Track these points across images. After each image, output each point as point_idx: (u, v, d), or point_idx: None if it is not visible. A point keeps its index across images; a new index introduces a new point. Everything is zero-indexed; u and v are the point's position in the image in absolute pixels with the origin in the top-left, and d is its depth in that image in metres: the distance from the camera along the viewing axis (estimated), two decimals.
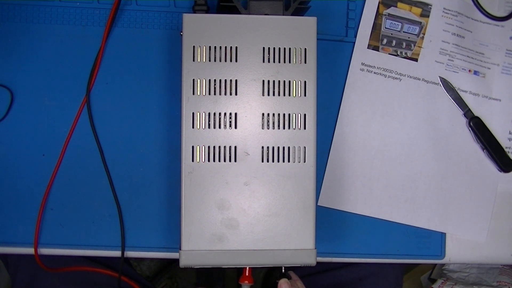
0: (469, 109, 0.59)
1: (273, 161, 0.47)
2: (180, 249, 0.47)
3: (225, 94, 0.47)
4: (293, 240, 0.47)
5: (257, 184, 0.47)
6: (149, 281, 0.85)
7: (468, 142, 0.59)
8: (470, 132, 0.59)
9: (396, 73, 0.58)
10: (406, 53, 0.59)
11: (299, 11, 0.50)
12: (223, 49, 0.47)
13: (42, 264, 0.53)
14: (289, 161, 0.48)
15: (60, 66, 0.55)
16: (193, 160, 0.47)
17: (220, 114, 0.47)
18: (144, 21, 0.56)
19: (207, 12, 0.50)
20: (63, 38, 0.55)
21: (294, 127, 0.48)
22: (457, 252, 0.59)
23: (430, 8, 0.59)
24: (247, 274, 0.51)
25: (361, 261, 0.58)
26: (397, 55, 0.59)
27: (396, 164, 0.58)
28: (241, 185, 0.47)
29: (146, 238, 0.55)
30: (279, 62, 0.48)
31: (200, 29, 0.47)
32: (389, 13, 0.58)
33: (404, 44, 0.59)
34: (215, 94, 0.47)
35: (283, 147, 0.48)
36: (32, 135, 0.54)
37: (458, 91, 0.59)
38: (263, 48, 0.48)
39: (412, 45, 0.59)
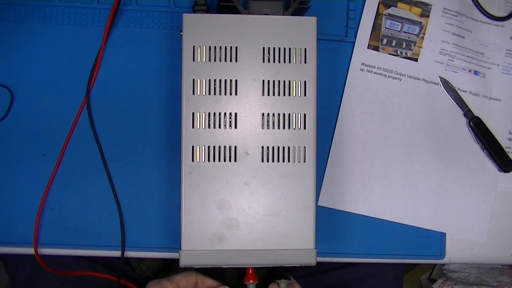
0: (469, 109, 0.59)
1: (273, 161, 0.47)
2: (180, 249, 0.47)
3: (225, 94, 0.47)
4: (293, 240, 0.47)
5: (257, 184, 0.47)
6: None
7: (468, 142, 0.59)
8: (470, 132, 0.59)
9: (396, 73, 0.58)
10: (406, 53, 0.59)
11: (299, 11, 0.50)
12: (223, 49, 0.47)
13: (43, 263, 0.53)
14: (289, 161, 0.48)
15: (60, 66, 0.55)
16: (193, 160, 0.47)
17: (220, 114, 0.47)
18: (144, 21, 0.56)
19: (207, 12, 0.50)
20: (63, 38, 0.55)
21: (294, 127, 0.48)
22: (457, 252, 0.59)
23: (430, 8, 0.59)
24: (250, 272, 0.51)
25: (361, 261, 0.58)
26: (397, 55, 0.58)
27: (396, 164, 0.58)
28: (241, 185, 0.47)
29: (146, 238, 0.55)
30: (279, 62, 0.48)
31: (200, 29, 0.47)
32: (389, 13, 0.58)
33: (404, 44, 0.59)
34: (215, 94, 0.47)
35: (283, 147, 0.48)
36: (32, 135, 0.54)
37: (458, 91, 0.59)
38: (263, 48, 0.48)
39: (412, 45, 0.59)
